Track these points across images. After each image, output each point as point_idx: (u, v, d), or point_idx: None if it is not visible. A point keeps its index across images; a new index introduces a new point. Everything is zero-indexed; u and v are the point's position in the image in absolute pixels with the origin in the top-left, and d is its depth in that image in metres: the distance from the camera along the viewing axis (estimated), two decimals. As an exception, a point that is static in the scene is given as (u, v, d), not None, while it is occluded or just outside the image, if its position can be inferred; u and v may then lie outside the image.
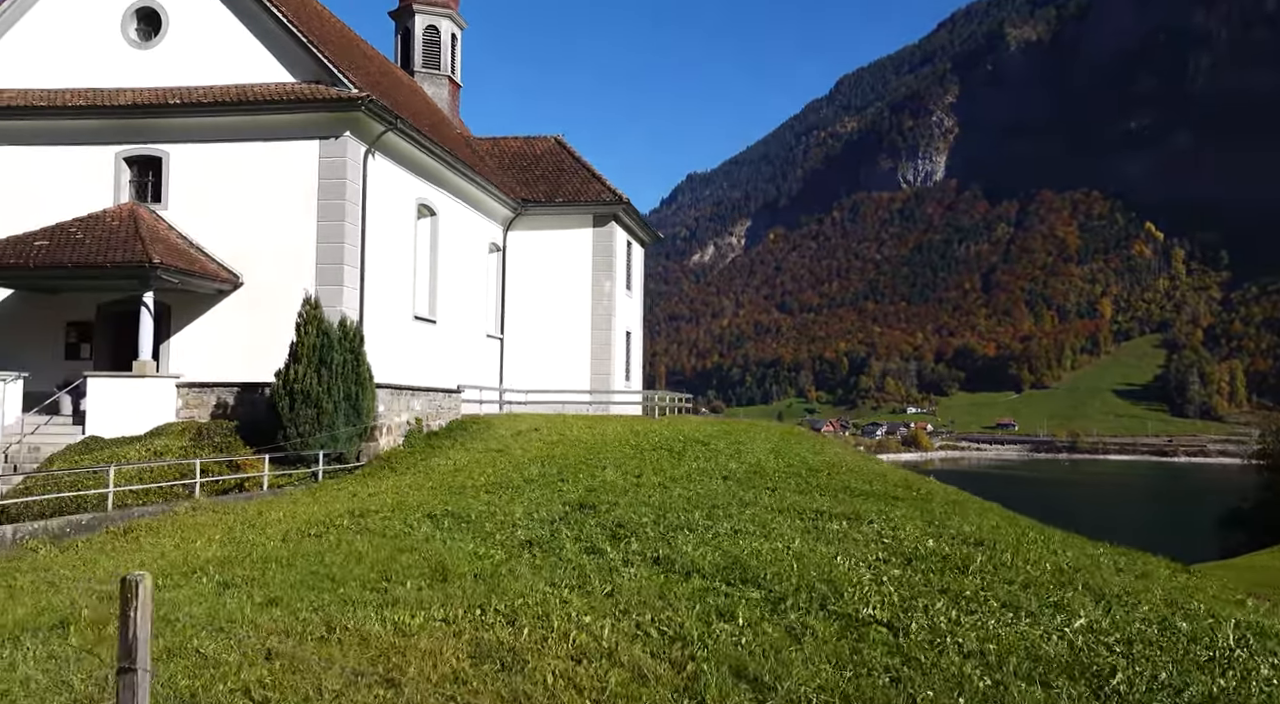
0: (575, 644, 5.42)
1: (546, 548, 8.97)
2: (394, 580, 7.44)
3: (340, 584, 7.43)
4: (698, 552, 8.09)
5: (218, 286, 20.63)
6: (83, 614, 6.80)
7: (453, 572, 7.60)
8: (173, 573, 8.80)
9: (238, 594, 7.29)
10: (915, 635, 5.74)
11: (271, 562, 8.89)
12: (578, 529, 10.24)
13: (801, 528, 9.72)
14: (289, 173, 20.78)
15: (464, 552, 9.17)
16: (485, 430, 22.10)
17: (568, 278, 29.85)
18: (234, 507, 13.87)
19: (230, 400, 19.21)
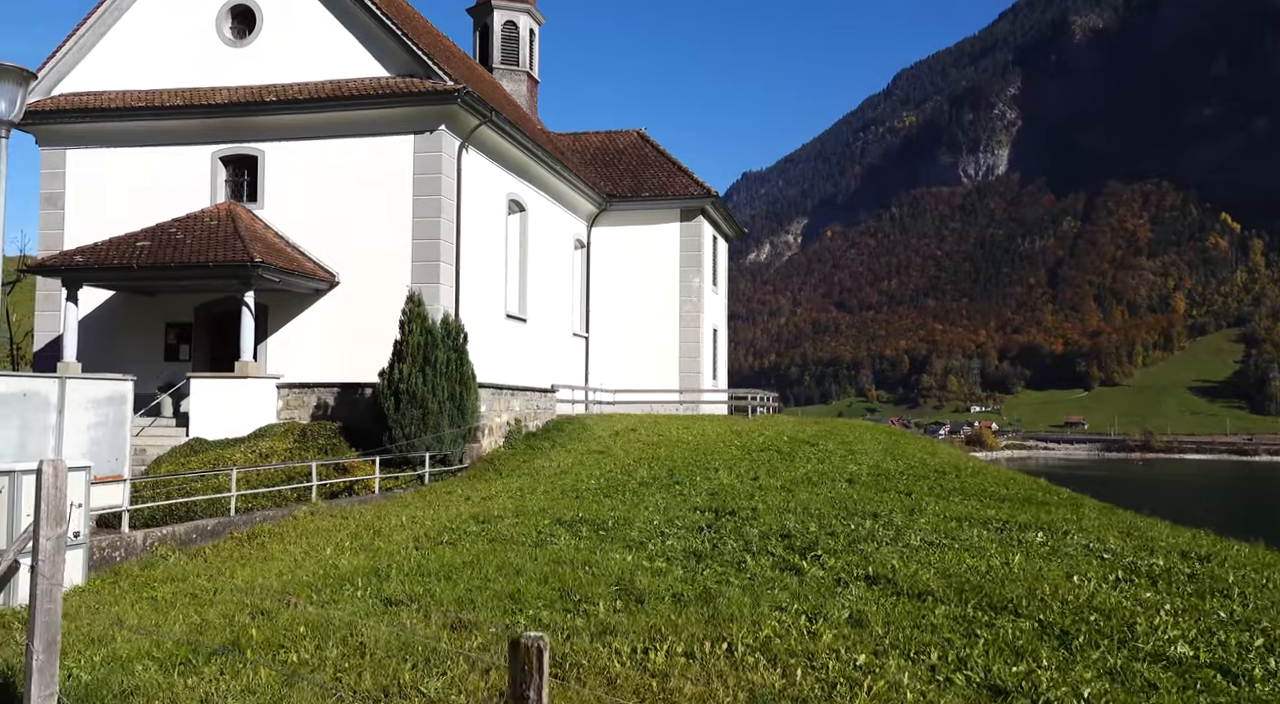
0: (873, 694, 4.61)
1: (723, 561, 8.19)
2: (582, 600, 6.72)
3: (521, 603, 6.74)
4: (909, 568, 7.23)
5: (314, 286, 20.35)
6: (252, 635, 6.21)
7: (647, 592, 6.84)
8: (319, 585, 8.23)
9: (411, 614, 6.65)
10: (1263, 684, 4.82)
11: (424, 574, 8.26)
12: (738, 539, 9.45)
13: (996, 540, 8.79)
14: (384, 169, 20.41)
15: (624, 563, 8.43)
16: (582, 431, 21.49)
17: (654, 274, 29.13)
18: (350, 511, 13.39)
19: (330, 401, 18.86)
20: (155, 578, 9.19)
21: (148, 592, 8.48)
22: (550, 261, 26.61)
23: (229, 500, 12.61)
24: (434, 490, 15.88)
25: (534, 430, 21.16)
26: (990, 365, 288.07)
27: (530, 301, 25.05)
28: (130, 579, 9.14)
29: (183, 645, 6.01)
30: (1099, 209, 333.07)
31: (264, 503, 14.18)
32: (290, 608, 7.20)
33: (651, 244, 29.22)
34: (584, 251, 29.45)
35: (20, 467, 8.32)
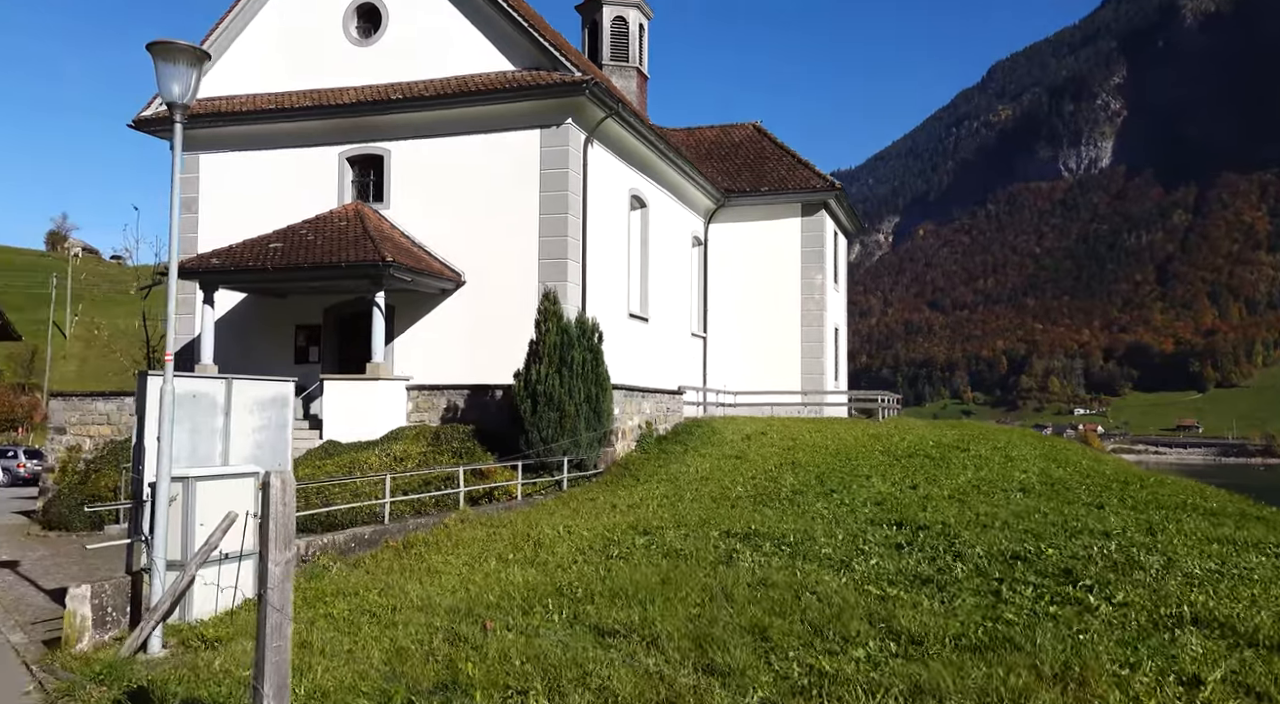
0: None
1: (970, 590, 7.15)
2: (840, 638, 5.79)
3: (769, 640, 5.86)
4: (1231, 608, 6.07)
5: (441, 286, 19.99)
6: (469, 671, 5.48)
7: (917, 631, 5.85)
8: (503, 605, 7.53)
9: (637, 647, 5.84)
10: None
11: (617, 596, 7.47)
12: (960, 561, 8.37)
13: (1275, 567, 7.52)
14: (509, 165, 19.93)
15: (846, 590, 7.47)
16: (712, 434, 20.59)
17: (774, 272, 28.04)
18: (499, 518, 12.78)
19: (460, 403, 18.42)
20: (325, 592, 8.65)
21: (323, 608, 7.91)
22: (669, 260, 25.81)
23: (381, 508, 12.12)
24: (574, 497, 15.20)
25: (663, 434, 20.36)
26: (1095, 366, 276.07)
27: (651, 301, 24.30)
28: (300, 593, 8.60)
29: (396, 685, 5.31)
30: (1212, 201, 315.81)
31: (407, 508, 13.73)
32: (489, 634, 6.47)
33: (771, 240, 28.13)
34: (701, 249, 28.57)
35: (194, 472, 7.86)
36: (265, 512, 4.07)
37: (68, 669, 6.75)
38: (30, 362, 69.36)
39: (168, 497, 7.41)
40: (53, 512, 17.50)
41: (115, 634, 7.50)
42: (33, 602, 10.07)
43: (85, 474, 18.07)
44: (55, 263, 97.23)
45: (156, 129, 21.88)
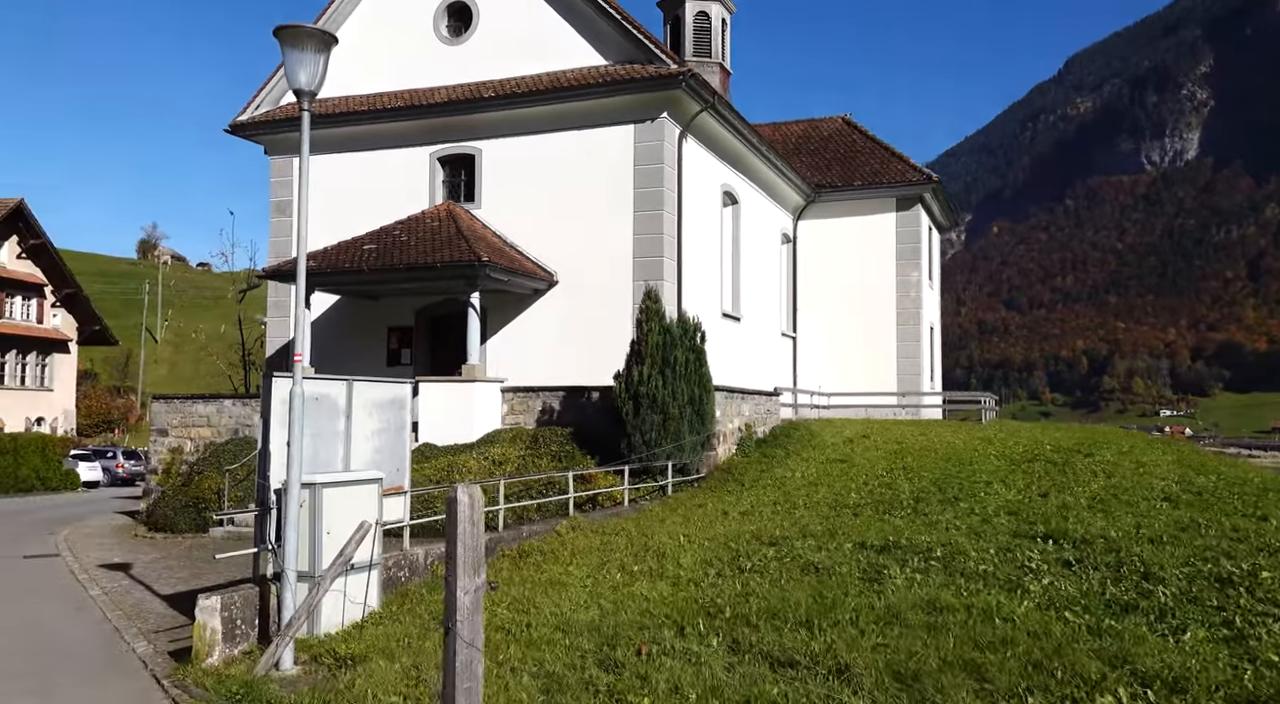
0: None
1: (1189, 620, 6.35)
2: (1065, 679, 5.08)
3: (984, 680, 5.18)
4: None
5: (534, 286, 19.63)
6: None
7: (1189, 682, 5.05)
8: (647, 625, 6.97)
9: (832, 688, 5.21)
10: None
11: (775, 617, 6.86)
12: (1160, 585, 7.52)
13: None
14: (602, 161, 19.47)
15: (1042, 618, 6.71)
16: (811, 437, 19.81)
17: (867, 269, 27.07)
18: (610, 525, 12.27)
19: (556, 405, 18.01)
20: (448, 603, 8.21)
21: (455, 623, 7.45)
22: (759, 258, 25.09)
23: (494, 515, 11.71)
24: (681, 502, 14.62)
25: (762, 437, 19.65)
26: (1181, 366, 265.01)
27: (743, 300, 23.61)
28: (424, 605, 8.19)
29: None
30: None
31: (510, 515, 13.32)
32: (646, 660, 5.91)
33: (863, 236, 27.17)
34: (789, 246, 27.77)
35: (321, 478, 7.50)
36: (451, 532, 3.56)
37: (200, 686, 6.42)
38: (125, 365, 71.80)
39: (299, 504, 7.04)
40: (158, 513, 17.63)
41: (244, 647, 7.17)
42: (151, 608, 9.89)
43: (188, 477, 18.18)
44: (146, 270, 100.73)
45: (253, 133, 22.01)
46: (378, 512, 8.06)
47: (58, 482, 33.93)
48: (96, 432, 56.33)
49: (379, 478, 8.19)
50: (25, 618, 9.57)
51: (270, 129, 21.68)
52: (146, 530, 17.50)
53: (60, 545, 15.89)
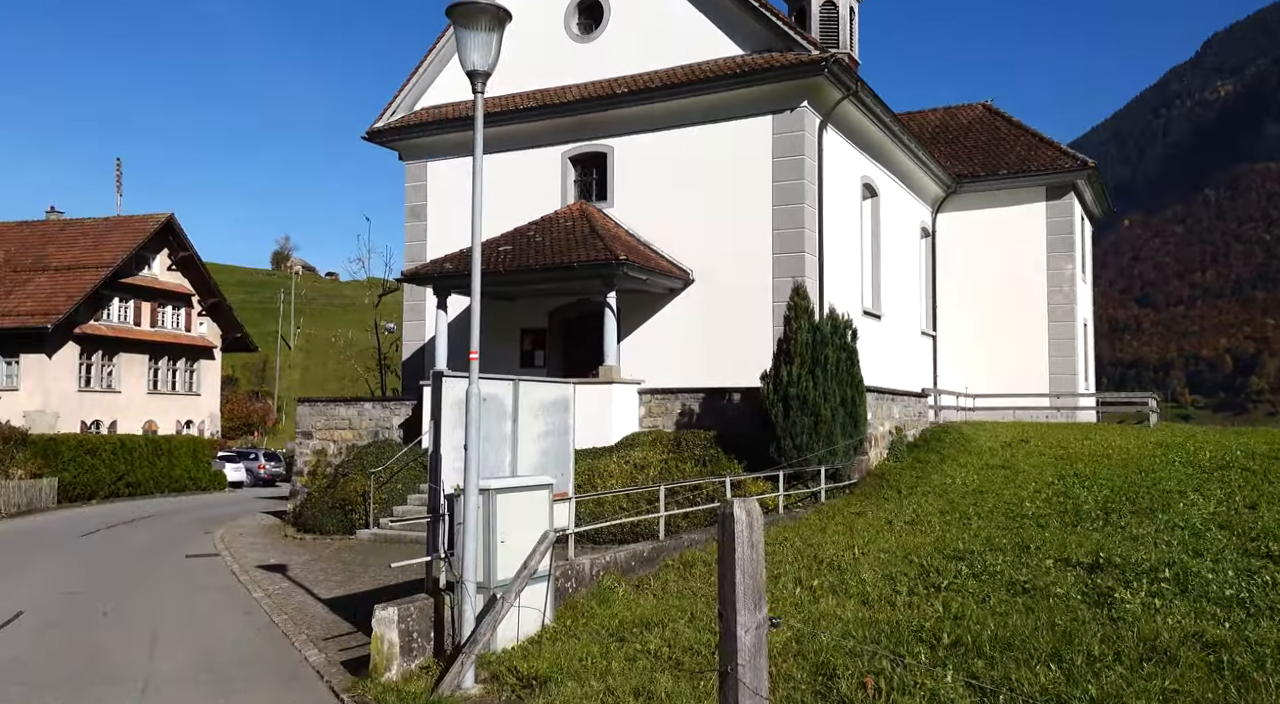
0: None
1: None
2: None
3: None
4: None
5: (670, 284, 19.12)
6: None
7: None
8: (860, 653, 6.21)
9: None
10: None
11: (1006, 647, 6.01)
12: None
13: None
14: (739, 155, 18.80)
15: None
16: (965, 441, 18.60)
17: (1013, 263, 25.45)
18: (769, 534, 11.55)
19: (695, 407, 17.41)
20: (618, 620, 7.71)
21: (636, 643, 6.92)
22: (898, 252, 23.89)
23: (655, 522, 11.19)
24: (837, 510, 13.79)
25: (913, 440, 18.56)
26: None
27: (883, 297, 22.49)
28: (597, 620, 7.69)
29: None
30: None
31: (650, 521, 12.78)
32: (877, 697, 5.19)
33: (1010, 228, 25.56)
34: (928, 240, 26.41)
35: (495, 484, 7.08)
36: (728, 556, 2.96)
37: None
38: (262, 371, 75.33)
39: (476, 511, 6.63)
40: (305, 515, 17.91)
41: (421, 662, 6.81)
42: (314, 612, 9.77)
43: (333, 479, 18.41)
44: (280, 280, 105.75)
45: (389, 139, 22.30)
46: (550, 519, 7.61)
47: (207, 482, 35.52)
48: (238, 434, 59.16)
49: (550, 483, 7.75)
50: (199, 620, 9.58)
51: (405, 134, 21.91)
52: (295, 531, 17.79)
53: (218, 544, 16.27)
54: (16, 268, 40.95)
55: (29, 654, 8.01)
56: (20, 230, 44.57)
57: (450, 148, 21.87)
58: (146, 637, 8.70)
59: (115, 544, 16.89)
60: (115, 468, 30.43)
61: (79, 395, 38.56)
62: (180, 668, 7.59)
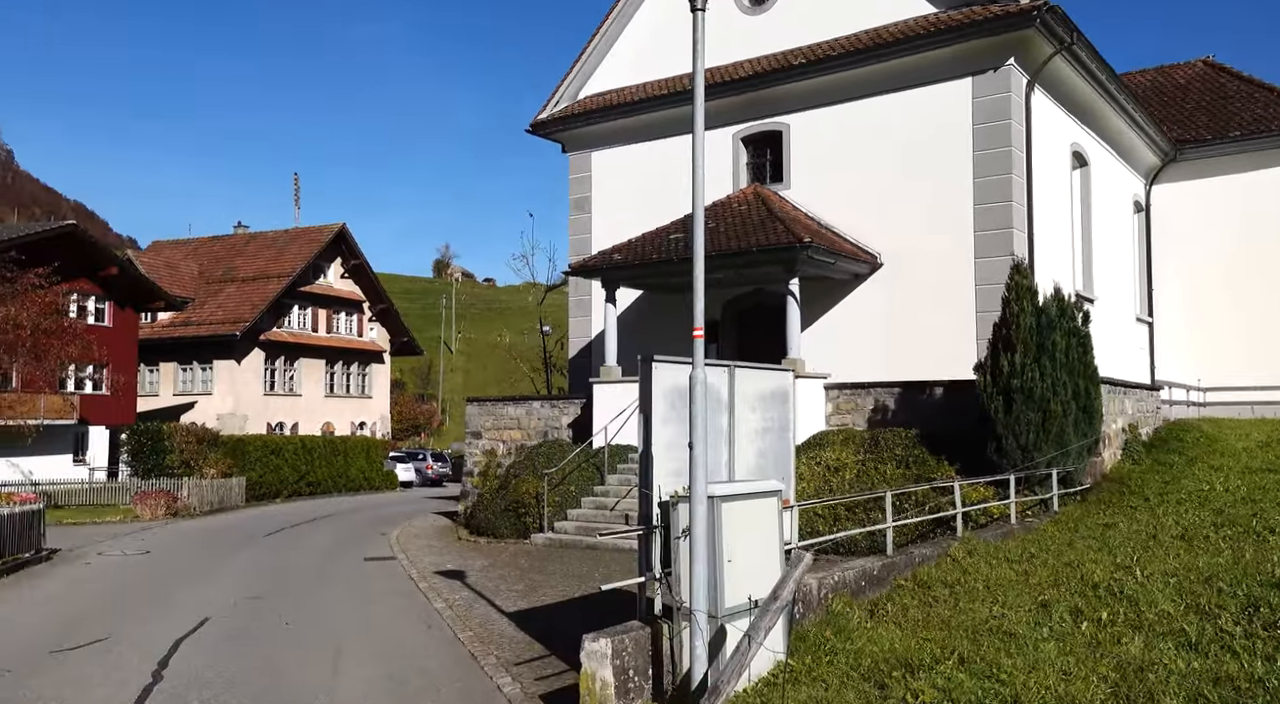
0: None
1: None
2: None
3: None
4: None
5: (855, 270, 17.50)
6: None
7: None
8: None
9: None
10: None
11: None
12: None
13: None
14: (931, 124, 16.97)
15: None
16: (1210, 441, 16.01)
17: (1251, 238, 22.14)
18: (1009, 549, 9.87)
19: (890, 403, 15.74)
20: (866, 658, 6.32)
21: (890, 688, 5.53)
22: (1109, 229, 21.22)
23: (881, 535, 9.75)
24: (1077, 520, 11.84)
25: (1147, 439, 16.15)
26: None
27: (1095, 278, 19.98)
28: (841, 657, 6.34)
29: None
30: None
31: (855, 531, 11.28)
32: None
33: (1244, 199, 22.28)
34: (1142, 215, 23.47)
35: (719, 489, 5.86)
36: None
37: (600, 758, 4.96)
38: (427, 374, 77.98)
39: (707, 524, 5.44)
40: (478, 517, 17.42)
41: (638, 704, 5.68)
42: (499, 629, 8.88)
43: (504, 480, 17.86)
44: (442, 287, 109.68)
45: (552, 131, 21.69)
46: (780, 532, 6.34)
47: (380, 481, 36.45)
48: (406, 436, 61.18)
49: (779, 488, 6.47)
50: (381, 634, 8.89)
51: (569, 124, 21.23)
52: (468, 533, 17.33)
53: (394, 546, 15.96)
54: (209, 280, 43.60)
55: (212, 669, 7.47)
56: (212, 245, 47.56)
57: (615, 136, 21.03)
58: (329, 652, 8.03)
59: (297, 544, 16.90)
60: (297, 467, 31.50)
61: (264, 399, 40.53)
62: (364, 692, 6.80)
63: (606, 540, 14.58)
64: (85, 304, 32.39)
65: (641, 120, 20.45)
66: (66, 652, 8.03)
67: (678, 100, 19.73)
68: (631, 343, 19.69)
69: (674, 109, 19.91)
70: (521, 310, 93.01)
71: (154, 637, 8.59)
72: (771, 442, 7.29)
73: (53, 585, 11.91)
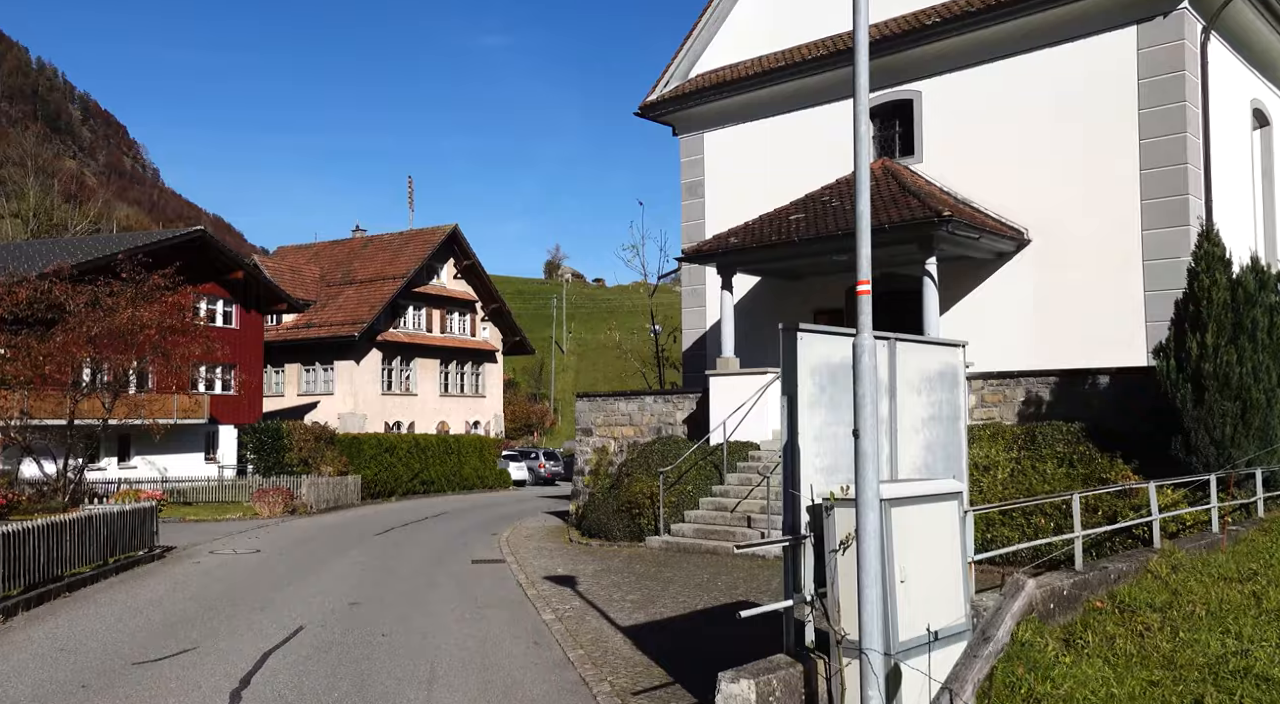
0: None
1: None
2: None
3: None
4: None
5: (999, 247, 15.80)
6: None
7: None
8: None
9: None
10: None
11: None
12: None
13: None
14: (1086, 81, 15.13)
15: None
16: None
17: None
18: (1217, 563, 8.20)
19: (1044, 394, 13.99)
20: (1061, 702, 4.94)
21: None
22: (1292, 197, 18.67)
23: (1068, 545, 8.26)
24: (1290, 530, 9.96)
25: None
26: None
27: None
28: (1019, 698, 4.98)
29: None
30: None
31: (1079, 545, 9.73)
32: None
33: None
34: (1329, 183, 20.65)
35: (890, 492, 4.62)
36: None
37: None
38: (539, 374, 78.45)
39: (879, 535, 4.23)
40: (590, 518, 16.53)
41: (787, 760, 4.51)
42: (614, 646, 7.85)
43: (617, 478, 16.91)
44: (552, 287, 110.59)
45: (662, 113, 20.64)
46: (963, 546, 5.05)
47: (493, 480, 36.27)
48: (519, 434, 61.44)
49: (959, 491, 5.19)
50: (483, 651, 8.00)
51: (680, 104, 20.14)
52: (579, 535, 16.45)
53: (503, 548, 15.22)
54: (330, 283, 44.57)
55: (295, 689, 6.70)
56: (333, 249, 48.69)
57: (728, 115, 19.82)
58: (424, 671, 7.17)
59: (405, 545, 16.39)
60: (411, 466, 31.52)
61: (382, 398, 41.04)
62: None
63: (727, 544, 13.43)
64: (214, 307, 33.43)
65: (757, 96, 19.17)
66: (149, 664, 7.43)
67: (796, 72, 18.41)
68: (750, 332, 18.45)
69: (792, 82, 18.60)
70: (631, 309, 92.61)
71: (242, 648, 7.93)
72: (939, 433, 5.99)
73: (157, 586, 11.59)
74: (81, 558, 11.70)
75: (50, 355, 22.42)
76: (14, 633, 8.71)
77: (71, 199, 77.37)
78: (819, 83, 18.32)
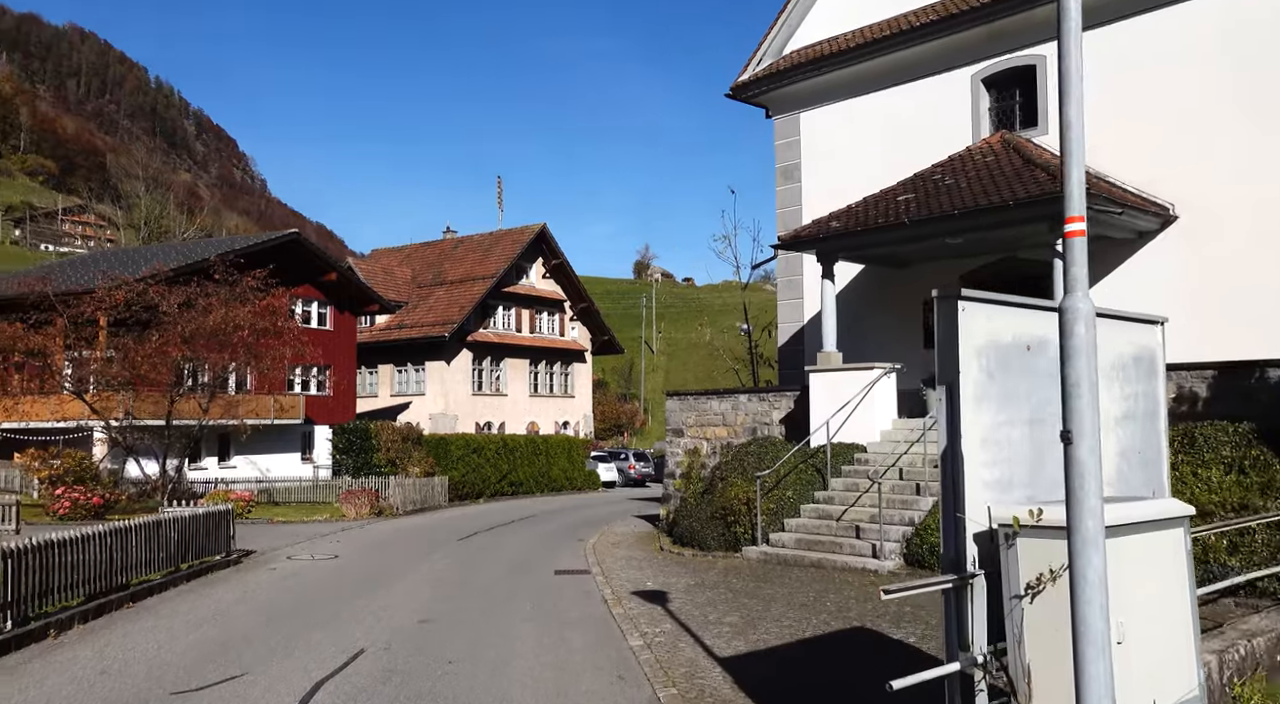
0: None
1: None
2: None
3: None
4: None
5: (1141, 226, 14.04)
6: None
7: None
8: None
9: None
10: None
11: None
12: None
13: None
14: (1251, 31, 13.24)
15: None
16: None
17: None
18: None
19: (1200, 390, 12.22)
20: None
21: None
22: None
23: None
24: None
25: None
26: None
27: None
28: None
29: None
30: None
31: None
32: None
33: None
34: None
35: (1118, 516, 3.34)
36: None
37: None
38: (628, 374, 77.81)
39: (1101, 583, 2.99)
40: (682, 525, 15.40)
41: None
42: (712, 684, 6.71)
43: (710, 482, 15.75)
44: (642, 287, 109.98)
45: (755, 93, 19.37)
46: (1192, 586, 3.73)
47: (582, 482, 35.51)
48: (608, 435, 60.79)
49: (1185, 515, 3.87)
50: (559, 687, 6.97)
51: (774, 82, 18.84)
52: (670, 543, 15.35)
53: (589, 556, 14.24)
54: (421, 284, 44.72)
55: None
56: (424, 251, 48.93)
57: (826, 92, 18.43)
58: (493, 709, 6.16)
59: (488, 551, 15.58)
60: (499, 467, 30.99)
61: (472, 398, 40.83)
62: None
63: (845, 559, 12.10)
64: (308, 309, 33.73)
65: (857, 70, 17.73)
66: (188, 694, 6.65)
67: (903, 40, 16.92)
68: (852, 324, 17.02)
69: (896, 53, 17.12)
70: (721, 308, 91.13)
71: (293, 675, 7.10)
72: (1134, 434, 4.64)
73: (225, 595, 10.99)
74: (150, 564, 11.20)
75: (147, 356, 22.62)
76: (61, 650, 8.11)
77: (183, 208, 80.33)
78: (929, 52, 16.79)
